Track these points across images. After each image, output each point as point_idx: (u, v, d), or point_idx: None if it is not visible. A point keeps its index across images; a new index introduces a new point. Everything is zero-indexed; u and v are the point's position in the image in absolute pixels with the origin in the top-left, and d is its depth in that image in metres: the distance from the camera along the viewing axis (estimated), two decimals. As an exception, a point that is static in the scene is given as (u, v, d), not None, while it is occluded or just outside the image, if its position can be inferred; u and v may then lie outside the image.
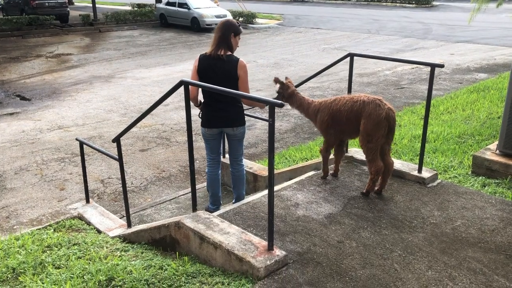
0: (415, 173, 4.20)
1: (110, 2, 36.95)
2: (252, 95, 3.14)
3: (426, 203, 3.78)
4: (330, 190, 4.05)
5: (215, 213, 3.66)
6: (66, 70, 13.66)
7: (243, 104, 4.22)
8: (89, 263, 3.38)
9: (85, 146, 4.94)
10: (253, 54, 15.54)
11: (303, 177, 4.43)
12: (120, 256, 3.53)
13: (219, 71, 3.97)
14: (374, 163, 3.75)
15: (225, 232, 3.18)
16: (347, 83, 4.65)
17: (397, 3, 32.77)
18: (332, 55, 14.45)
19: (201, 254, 3.24)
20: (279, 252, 2.96)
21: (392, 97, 9.57)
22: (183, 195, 5.52)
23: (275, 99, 2.96)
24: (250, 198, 4.06)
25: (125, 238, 4.02)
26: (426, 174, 4.18)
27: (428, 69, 4.02)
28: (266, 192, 3.83)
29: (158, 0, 24.91)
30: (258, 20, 23.39)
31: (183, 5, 21.59)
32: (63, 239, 3.93)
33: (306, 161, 5.64)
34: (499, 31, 18.70)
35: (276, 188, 4.03)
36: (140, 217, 4.99)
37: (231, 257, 2.98)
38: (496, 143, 4.70)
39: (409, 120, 7.24)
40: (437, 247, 3.15)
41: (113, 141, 4.29)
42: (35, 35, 19.43)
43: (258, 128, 8.09)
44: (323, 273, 2.87)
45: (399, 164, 4.42)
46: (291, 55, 15.10)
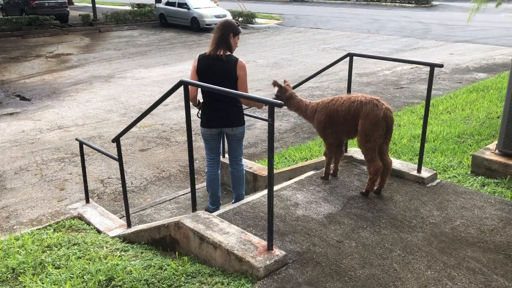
0: (415, 172, 4.21)
1: (109, 2, 36.94)
2: (252, 95, 3.14)
3: (425, 203, 3.79)
4: (330, 190, 4.05)
5: (215, 213, 3.67)
6: (66, 70, 13.67)
7: (242, 104, 4.22)
8: (89, 263, 3.38)
9: (85, 146, 4.95)
10: (253, 54, 15.54)
11: (302, 177, 4.43)
12: (120, 256, 3.53)
13: (219, 71, 3.97)
14: (373, 163, 3.76)
15: (224, 232, 3.19)
16: (346, 83, 4.65)
17: (396, 2, 32.74)
18: (332, 55, 14.45)
19: (200, 254, 3.24)
20: (278, 252, 2.97)
21: (391, 97, 9.58)
22: (183, 195, 5.53)
23: None
24: (249, 198, 4.07)
25: (125, 238, 4.03)
26: (425, 173, 4.19)
27: (428, 69, 4.02)
28: (265, 192, 3.84)
29: (158, 0, 24.91)
30: (257, 20, 23.40)
31: (182, 5, 21.59)
32: (63, 239, 3.94)
33: (306, 161, 5.64)
34: (498, 31, 18.71)
35: (275, 188, 4.04)
36: (140, 217, 5.00)
37: (230, 257, 2.98)
38: (496, 142, 4.70)
39: (408, 120, 7.25)
40: (436, 247, 3.16)
41: (113, 141, 4.30)
42: (35, 35, 19.42)
43: (257, 128, 8.10)
44: (323, 273, 2.88)
45: (398, 163, 4.42)
46: (290, 55, 15.10)
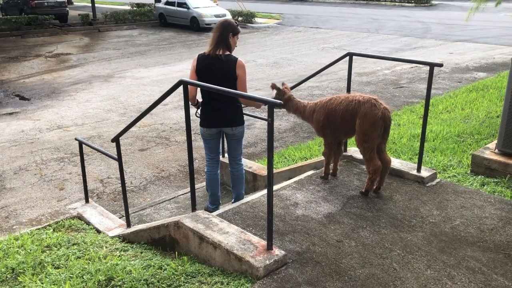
0: (414, 172, 4.21)
1: (109, 1, 36.91)
2: (251, 94, 3.14)
3: (425, 202, 3.79)
4: (329, 189, 4.05)
5: (214, 213, 3.67)
6: (65, 69, 13.66)
7: (241, 104, 4.22)
8: (89, 263, 3.38)
9: (84, 146, 4.94)
10: (252, 53, 15.54)
11: (302, 176, 4.43)
12: (119, 256, 3.53)
13: (218, 71, 3.97)
14: (372, 162, 3.76)
15: (224, 231, 3.19)
16: (346, 82, 4.65)
17: (396, 2, 32.72)
18: (331, 55, 14.45)
19: (200, 253, 3.24)
20: (278, 252, 2.96)
21: (391, 96, 9.58)
22: (183, 194, 5.52)
23: None
24: (249, 198, 4.06)
25: (124, 238, 4.02)
26: (425, 173, 4.18)
27: (427, 68, 4.02)
28: (265, 191, 3.84)
29: (157, 0, 24.90)
30: (257, 20, 23.39)
31: (182, 4, 21.59)
32: (62, 239, 3.93)
33: (305, 160, 5.64)
34: (498, 30, 18.70)
35: (275, 187, 4.04)
36: (139, 216, 5.00)
37: (230, 257, 2.98)
38: (495, 142, 4.70)
39: (408, 119, 7.25)
40: (436, 246, 3.16)
41: (112, 140, 4.29)
42: (34, 34, 19.41)
43: (257, 127, 8.09)
44: (322, 273, 2.87)
45: (398, 163, 4.42)
46: (290, 55, 15.10)
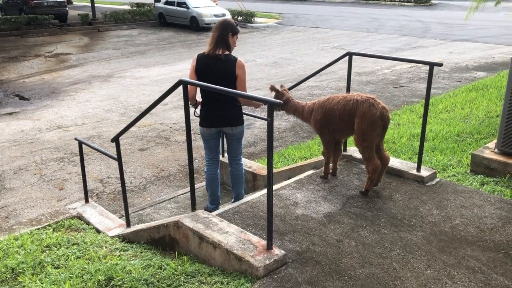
0: (414, 171, 4.21)
1: (108, 1, 36.89)
2: (251, 94, 3.14)
3: (425, 202, 3.79)
4: (329, 189, 4.05)
5: (214, 213, 3.66)
6: (65, 69, 13.65)
7: (241, 103, 4.22)
8: (88, 262, 3.38)
9: (84, 146, 4.94)
10: (252, 53, 15.53)
11: (302, 176, 4.43)
12: (119, 255, 3.53)
13: (217, 71, 3.96)
14: (371, 161, 3.76)
15: (224, 231, 3.18)
16: (346, 82, 4.65)
17: (395, 1, 32.71)
18: (331, 54, 14.44)
19: (200, 253, 3.24)
20: (278, 252, 2.96)
21: (391, 96, 9.58)
22: (182, 194, 5.52)
23: None
24: (249, 198, 4.06)
25: (124, 238, 4.02)
26: (424, 172, 4.19)
27: (427, 67, 4.02)
28: (265, 191, 3.83)
29: (157, 0, 24.89)
30: (257, 19, 23.38)
31: (182, 4, 21.58)
32: (62, 239, 3.93)
33: (305, 160, 5.64)
34: (497, 30, 18.70)
35: (275, 187, 4.04)
36: (139, 216, 5.00)
37: (230, 257, 2.98)
38: (495, 141, 4.70)
39: (408, 119, 7.25)
40: (436, 246, 3.16)
41: (112, 140, 4.29)
42: (34, 34, 19.40)
43: (257, 127, 8.09)
44: (322, 272, 2.87)
45: (397, 163, 4.42)
46: (290, 54, 15.10)
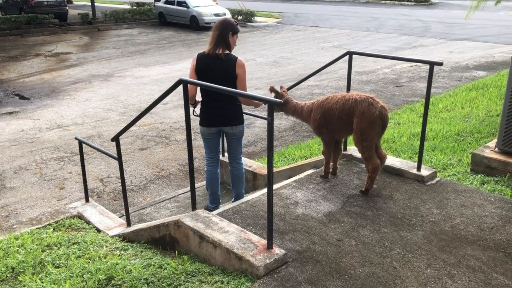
0: (414, 171, 4.21)
1: (108, 0, 36.88)
2: (251, 93, 3.14)
3: (425, 201, 3.79)
4: (329, 188, 4.05)
5: (215, 212, 3.67)
6: (65, 69, 13.65)
7: (242, 103, 4.22)
8: (89, 262, 3.38)
9: (84, 145, 4.94)
10: (252, 52, 15.53)
11: (302, 175, 4.43)
12: (119, 255, 3.53)
13: (217, 70, 3.96)
14: (371, 161, 3.77)
15: (224, 231, 3.19)
16: (346, 81, 4.65)
17: (395, 1, 32.67)
18: (331, 53, 14.44)
19: (200, 253, 3.24)
20: (278, 251, 2.96)
21: (391, 95, 9.57)
22: (183, 194, 5.53)
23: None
24: (249, 197, 4.06)
25: (124, 237, 4.02)
26: (425, 172, 4.18)
27: (427, 67, 4.02)
28: (265, 190, 3.84)
29: (157, -1, 24.90)
30: (257, 19, 23.37)
31: (182, 3, 21.57)
32: (62, 238, 3.93)
33: (305, 159, 5.64)
34: (498, 29, 18.69)
35: (275, 186, 4.03)
36: (139, 216, 5.00)
37: (230, 256, 2.98)
38: (495, 140, 4.70)
39: (408, 118, 7.25)
40: (436, 245, 3.16)
41: (112, 140, 4.29)
42: (34, 34, 19.40)
43: (257, 126, 8.09)
44: (323, 272, 2.88)
45: (398, 162, 4.42)
46: (290, 53, 15.09)
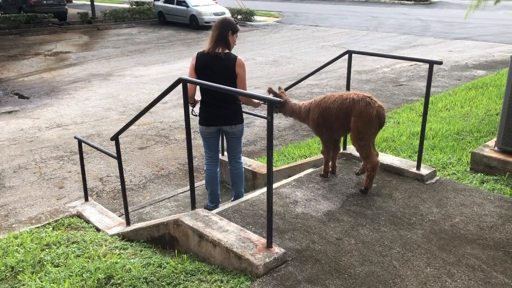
0: (414, 170, 4.21)
1: (108, 0, 36.83)
2: (251, 92, 3.14)
3: (424, 200, 3.79)
4: (329, 187, 4.05)
5: (214, 211, 3.66)
6: (64, 68, 13.64)
7: (241, 102, 4.22)
8: (88, 261, 3.38)
9: (83, 144, 4.93)
10: (252, 51, 15.52)
11: (301, 174, 4.43)
12: (119, 254, 3.53)
13: (217, 69, 3.96)
14: (370, 159, 3.77)
15: (224, 230, 3.18)
16: (345, 80, 4.65)
17: (395, 0, 32.68)
18: (331, 53, 14.43)
19: (200, 252, 3.24)
20: (278, 250, 2.96)
21: (390, 94, 9.57)
22: (182, 193, 5.52)
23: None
24: (249, 196, 4.06)
25: (124, 236, 4.02)
26: (424, 171, 4.18)
27: (427, 66, 4.02)
28: (265, 189, 3.83)
29: (156, -2, 24.88)
30: (256, 18, 23.36)
31: (181, 2, 21.56)
32: (62, 237, 3.93)
33: (305, 158, 5.64)
34: (497, 28, 18.69)
35: (275, 185, 4.03)
36: (139, 215, 5.00)
37: (230, 255, 2.98)
38: (495, 140, 4.70)
39: (407, 117, 7.25)
40: (435, 244, 3.16)
41: (112, 139, 4.28)
42: (33, 33, 19.38)
43: (257, 125, 8.09)
44: (322, 270, 2.88)
45: (397, 161, 4.42)
46: (289, 53, 15.09)
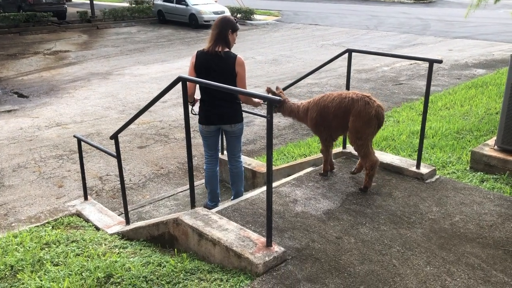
0: (414, 169, 4.21)
1: (107, -2, 36.75)
2: (251, 91, 3.13)
3: (424, 199, 3.79)
4: (329, 186, 4.05)
5: (214, 210, 3.66)
6: (63, 67, 13.62)
7: (241, 101, 4.21)
8: (88, 260, 3.38)
9: (83, 143, 4.93)
10: (251, 50, 15.51)
11: (301, 173, 4.43)
12: (118, 253, 3.53)
13: (217, 68, 3.95)
14: (368, 158, 3.76)
15: (223, 228, 3.18)
16: (345, 79, 4.64)
17: (395, -1, 32.65)
18: (331, 51, 14.42)
19: (199, 250, 3.24)
20: (277, 249, 2.96)
21: (390, 93, 9.57)
22: (182, 192, 5.52)
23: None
24: (248, 195, 4.06)
25: (123, 235, 4.02)
26: (424, 169, 4.18)
27: (427, 65, 4.01)
28: (264, 188, 3.83)
29: (156, -3, 24.85)
30: (256, 17, 23.33)
31: (181, 1, 21.53)
32: (61, 236, 3.93)
33: (305, 157, 5.64)
34: (497, 27, 18.69)
35: (274, 184, 4.03)
36: (138, 214, 4.99)
37: (229, 254, 2.98)
38: (494, 138, 4.70)
39: (407, 116, 7.24)
40: (435, 243, 3.16)
41: (111, 138, 4.28)
42: (33, 32, 19.35)
43: (256, 124, 8.08)
44: (322, 269, 2.87)
45: (397, 160, 4.42)
46: (289, 52, 15.08)
